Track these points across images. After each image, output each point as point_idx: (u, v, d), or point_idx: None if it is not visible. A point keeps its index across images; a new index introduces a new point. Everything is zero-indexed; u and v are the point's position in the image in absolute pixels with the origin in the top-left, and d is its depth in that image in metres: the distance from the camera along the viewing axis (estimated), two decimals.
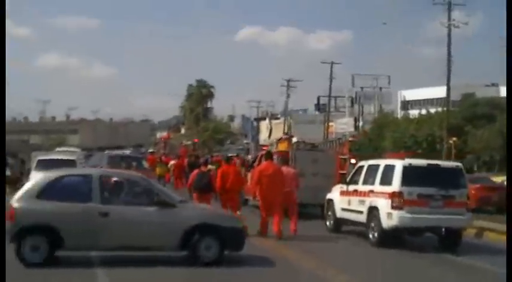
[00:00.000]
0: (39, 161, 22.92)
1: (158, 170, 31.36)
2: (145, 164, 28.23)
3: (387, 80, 66.44)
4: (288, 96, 72.94)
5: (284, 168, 15.89)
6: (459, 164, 15.53)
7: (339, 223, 16.46)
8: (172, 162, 33.79)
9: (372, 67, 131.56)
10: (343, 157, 22.75)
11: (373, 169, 15.21)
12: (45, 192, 10.95)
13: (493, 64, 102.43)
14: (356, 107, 65.14)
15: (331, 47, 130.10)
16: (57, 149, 39.80)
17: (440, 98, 51.43)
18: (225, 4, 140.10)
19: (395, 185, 13.92)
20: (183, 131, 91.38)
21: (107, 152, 35.80)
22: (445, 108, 41.80)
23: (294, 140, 22.88)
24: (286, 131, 73.38)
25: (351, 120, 63.67)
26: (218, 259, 11.05)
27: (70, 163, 22.53)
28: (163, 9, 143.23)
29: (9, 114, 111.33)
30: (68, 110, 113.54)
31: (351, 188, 15.72)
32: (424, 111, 50.07)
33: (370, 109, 65.03)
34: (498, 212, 21.68)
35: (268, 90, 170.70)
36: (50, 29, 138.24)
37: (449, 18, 37.36)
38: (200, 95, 77.85)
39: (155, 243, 11.01)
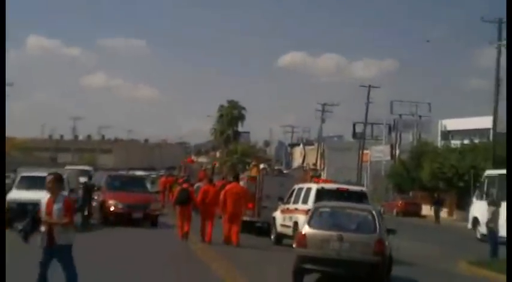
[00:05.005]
0: (22, 178, 20.39)
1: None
2: (152, 186, 25.55)
3: (428, 108, 62.93)
4: (323, 121, 70.22)
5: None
6: (364, 188, 20.86)
7: (280, 237, 19.02)
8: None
9: (414, 95, 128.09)
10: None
11: (300, 191, 18.35)
12: None
13: None
14: (394, 135, 61.55)
15: (375, 75, 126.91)
16: (67, 167, 37.27)
17: (485, 129, 47.65)
18: (269, 29, 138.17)
19: (310, 203, 16.47)
20: (218, 154, 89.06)
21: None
22: (490, 139, 38.22)
23: (262, 166, 25.50)
24: (319, 156, 70.86)
25: (387, 148, 60.28)
26: None
27: None
28: (206, 33, 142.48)
29: (45, 132, 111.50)
30: (100, 129, 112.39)
31: (286, 206, 18.63)
32: (467, 141, 46.14)
33: (409, 138, 61.35)
34: None
35: (307, 116, 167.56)
36: (98, 50, 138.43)
37: (499, 38, 33.55)
38: (231, 116, 75.33)
39: None
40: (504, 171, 24.04)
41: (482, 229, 24.54)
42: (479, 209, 25.97)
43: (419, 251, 20.34)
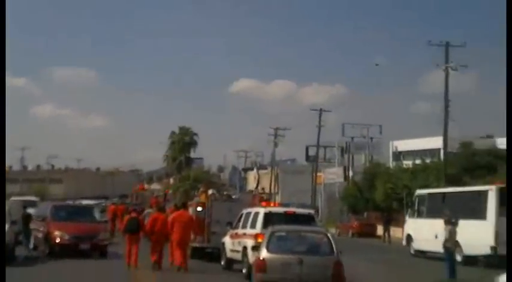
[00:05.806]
0: None
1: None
2: (100, 215, 24.72)
3: (378, 130, 63.74)
4: (276, 145, 70.12)
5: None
6: (311, 211, 19.64)
7: (230, 262, 18.84)
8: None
9: (364, 118, 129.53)
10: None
11: (248, 215, 18.08)
12: None
13: (488, 115, 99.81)
14: (346, 157, 61.93)
15: (326, 100, 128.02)
16: (12, 198, 35.88)
17: (435, 149, 48.17)
18: (221, 56, 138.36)
19: (258, 228, 16.67)
20: (171, 180, 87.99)
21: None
22: (441, 159, 38.48)
23: (210, 192, 25.25)
24: (273, 180, 70.72)
25: (340, 170, 60.44)
26: None
27: None
28: (156, 60, 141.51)
29: None
30: (49, 158, 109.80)
31: (235, 231, 18.40)
32: (418, 161, 46.53)
33: (361, 159, 61.78)
34: None
35: (260, 140, 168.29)
36: (45, 80, 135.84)
37: (446, 60, 34.16)
38: (182, 142, 74.58)
39: None
40: (432, 190, 28.19)
41: (416, 245, 26.76)
42: (411, 226, 27.92)
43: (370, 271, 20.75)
